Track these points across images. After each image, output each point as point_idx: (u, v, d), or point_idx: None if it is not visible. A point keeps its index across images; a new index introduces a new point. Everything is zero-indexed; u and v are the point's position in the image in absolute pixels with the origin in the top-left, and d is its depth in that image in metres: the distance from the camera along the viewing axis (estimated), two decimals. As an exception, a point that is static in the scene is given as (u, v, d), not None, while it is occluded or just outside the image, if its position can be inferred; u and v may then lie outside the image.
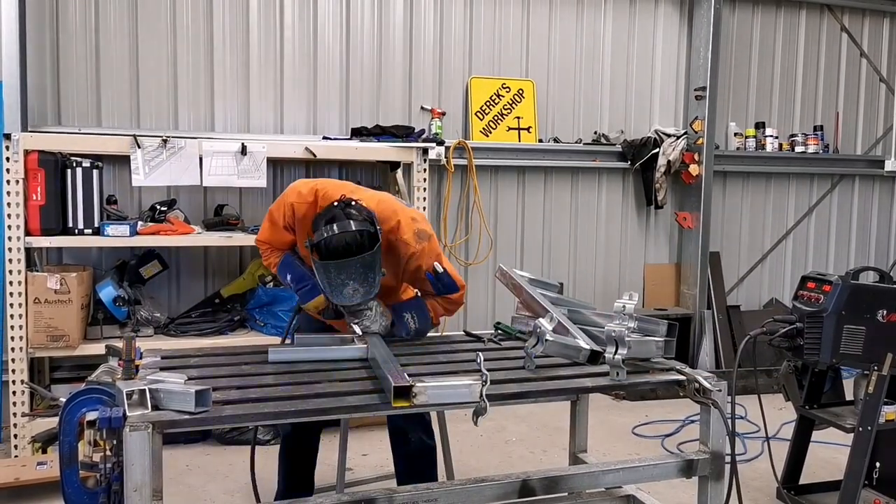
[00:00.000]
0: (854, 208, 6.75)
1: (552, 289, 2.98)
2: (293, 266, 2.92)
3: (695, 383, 2.46)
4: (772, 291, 6.52)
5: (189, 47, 4.89)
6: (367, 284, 2.61)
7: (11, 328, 4.04)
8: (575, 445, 3.13)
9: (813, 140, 6.30)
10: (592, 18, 5.83)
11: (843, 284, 3.18)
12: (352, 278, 2.57)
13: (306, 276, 2.85)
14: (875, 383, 3.15)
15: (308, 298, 2.88)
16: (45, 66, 4.63)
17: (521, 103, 5.59)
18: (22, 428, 4.07)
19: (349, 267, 2.55)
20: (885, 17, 6.66)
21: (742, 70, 6.28)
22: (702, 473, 2.49)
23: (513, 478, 2.30)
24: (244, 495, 3.69)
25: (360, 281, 2.58)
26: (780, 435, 4.55)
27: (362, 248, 2.56)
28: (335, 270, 2.56)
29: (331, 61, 5.19)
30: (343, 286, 2.58)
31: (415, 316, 2.91)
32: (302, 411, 2.18)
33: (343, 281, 2.57)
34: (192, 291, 4.90)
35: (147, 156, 4.23)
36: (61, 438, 2.12)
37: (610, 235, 6.01)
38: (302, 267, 2.90)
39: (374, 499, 2.17)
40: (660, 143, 5.83)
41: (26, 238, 4.03)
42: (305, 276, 2.86)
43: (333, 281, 2.58)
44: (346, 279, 2.56)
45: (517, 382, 2.42)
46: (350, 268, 2.56)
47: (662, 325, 2.63)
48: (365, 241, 2.58)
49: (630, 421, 4.97)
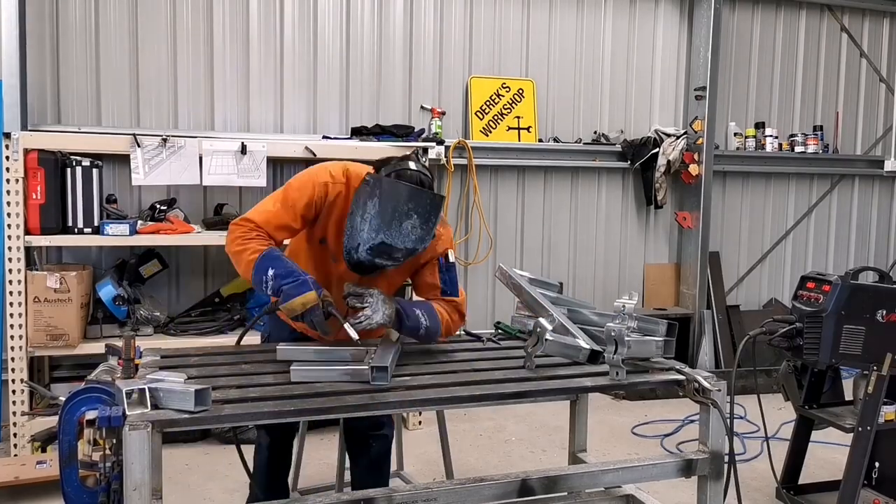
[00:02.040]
0: (854, 208, 6.75)
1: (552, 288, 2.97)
2: (280, 259, 2.53)
3: (694, 383, 2.46)
4: (771, 291, 6.52)
5: (189, 46, 4.89)
6: (425, 228, 2.46)
7: (11, 327, 4.04)
8: (574, 445, 3.13)
9: (813, 140, 6.30)
10: (592, 18, 5.83)
11: (843, 284, 3.18)
12: (418, 213, 2.42)
13: (295, 271, 2.50)
14: (874, 383, 3.15)
15: (297, 293, 2.44)
16: (45, 65, 4.63)
17: (520, 103, 5.59)
18: (21, 427, 4.08)
19: (421, 198, 2.44)
20: (884, 17, 6.67)
21: (742, 70, 6.28)
22: (701, 473, 2.49)
23: (512, 477, 2.30)
24: (244, 495, 3.68)
25: (423, 220, 2.44)
26: (780, 435, 4.55)
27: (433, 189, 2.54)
28: (406, 197, 2.42)
29: (331, 60, 5.19)
30: (406, 217, 2.41)
31: (426, 315, 2.63)
32: (302, 411, 2.18)
33: (409, 211, 2.41)
34: (191, 290, 4.91)
35: (147, 155, 4.23)
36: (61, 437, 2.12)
37: (610, 235, 6.01)
38: (290, 262, 2.56)
39: (374, 498, 2.17)
40: (660, 142, 5.83)
41: (26, 237, 4.03)
42: (294, 271, 2.49)
43: (399, 208, 2.41)
44: (412, 211, 2.41)
45: (517, 382, 2.42)
46: (422, 199, 2.43)
47: (662, 325, 2.62)
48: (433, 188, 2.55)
49: (630, 421, 4.97)
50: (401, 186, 2.45)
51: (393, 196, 2.43)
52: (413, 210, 2.42)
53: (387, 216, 2.43)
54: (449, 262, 2.79)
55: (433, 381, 2.39)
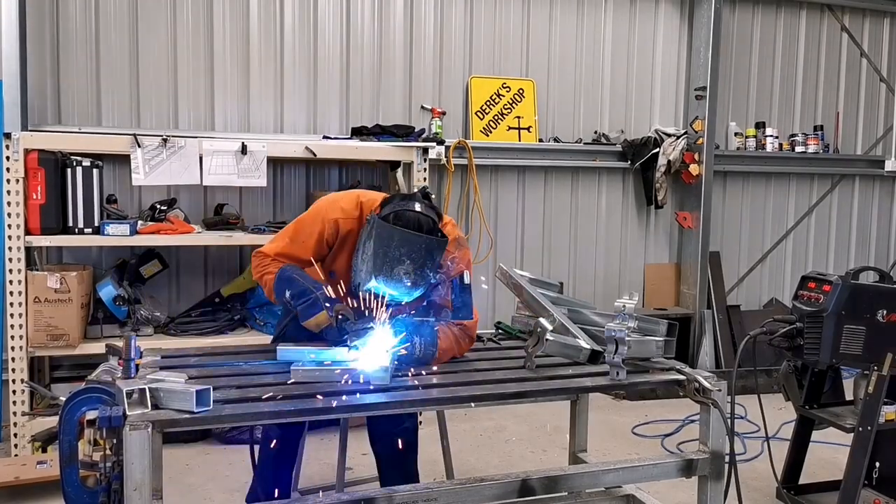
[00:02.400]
0: (854, 208, 6.75)
1: (552, 288, 2.97)
2: (293, 280, 2.63)
3: (694, 383, 2.46)
4: (772, 291, 6.52)
5: (189, 46, 4.89)
6: (419, 274, 2.44)
7: (11, 327, 4.03)
8: (575, 445, 3.13)
9: (813, 140, 6.30)
10: (593, 18, 5.83)
11: (843, 284, 3.18)
12: (410, 257, 2.40)
13: (307, 289, 2.59)
14: (875, 383, 3.15)
15: (309, 315, 2.58)
16: (46, 65, 4.63)
17: (521, 103, 5.59)
18: (22, 427, 4.07)
19: (414, 243, 2.41)
20: (885, 17, 6.66)
21: (742, 70, 6.28)
22: (701, 473, 2.49)
23: (512, 477, 2.30)
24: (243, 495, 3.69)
25: (417, 265, 2.41)
26: (780, 435, 4.55)
27: (431, 233, 2.47)
28: (399, 241, 2.40)
29: (331, 60, 5.19)
30: (397, 263, 2.40)
31: (421, 343, 2.58)
32: (302, 411, 2.18)
33: (400, 256, 2.40)
34: (192, 291, 4.90)
35: (147, 155, 4.23)
36: (61, 437, 2.12)
37: (610, 235, 6.01)
38: (303, 281, 2.64)
39: (374, 498, 2.17)
40: (660, 142, 5.83)
41: (26, 237, 4.02)
42: (307, 290, 2.58)
43: (390, 253, 2.40)
44: (405, 256, 2.40)
45: (517, 382, 2.42)
46: (414, 245, 2.41)
47: (662, 325, 2.63)
48: (435, 230, 2.49)
49: (630, 420, 4.97)
50: (394, 231, 2.42)
51: (385, 240, 2.42)
52: (405, 255, 2.41)
53: (378, 260, 2.43)
54: (464, 284, 2.75)
55: (434, 381, 2.39)
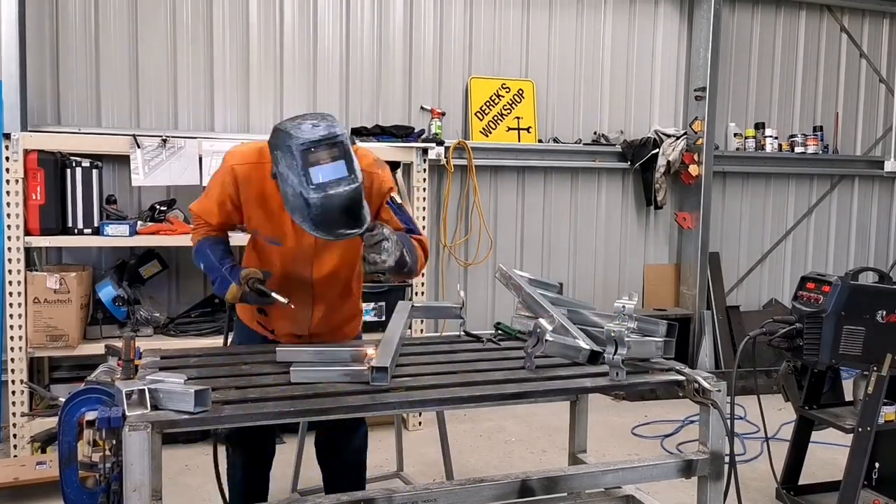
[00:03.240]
0: (853, 209, 6.75)
1: (552, 289, 2.97)
2: (205, 255, 2.65)
3: (694, 383, 2.46)
4: (771, 292, 6.52)
5: (189, 47, 4.89)
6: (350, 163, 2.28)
7: (11, 328, 4.04)
8: (574, 445, 3.13)
9: (812, 140, 6.31)
10: (592, 19, 5.83)
11: (843, 285, 3.18)
12: (328, 146, 2.25)
13: (214, 266, 2.61)
14: (874, 384, 3.15)
15: (223, 290, 2.59)
16: (45, 66, 4.62)
17: (520, 103, 5.59)
18: (21, 428, 4.08)
19: (322, 129, 2.27)
20: (884, 18, 6.67)
21: (742, 70, 6.28)
22: (701, 474, 2.49)
23: (512, 478, 2.30)
24: (243, 495, 3.69)
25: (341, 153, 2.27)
26: (780, 435, 4.55)
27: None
28: (308, 132, 2.25)
29: (330, 61, 5.19)
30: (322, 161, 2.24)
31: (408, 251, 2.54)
32: (301, 411, 2.18)
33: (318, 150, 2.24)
34: (191, 291, 4.90)
35: (147, 155, 4.23)
36: (60, 438, 2.12)
37: (609, 236, 6.01)
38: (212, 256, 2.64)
39: (374, 499, 2.17)
40: (659, 143, 5.83)
41: (26, 238, 4.03)
42: (214, 267, 2.61)
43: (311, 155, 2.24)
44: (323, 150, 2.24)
45: (517, 382, 2.42)
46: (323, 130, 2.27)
47: (662, 326, 2.63)
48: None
49: (629, 421, 4.97)
50: (287, 123, 2.29)
51: (290, 137, 2.25)
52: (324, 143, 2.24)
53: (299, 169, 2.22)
54: (397, 203, 2.68)
55: (433, 382, 2.39)
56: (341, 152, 2.27)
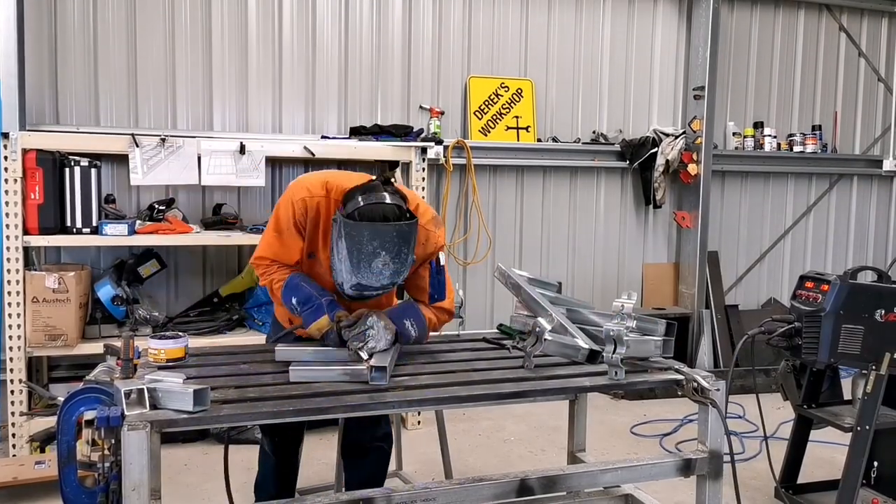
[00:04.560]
0: (852, 208, 6.76)
1: (551, 288, 2.97)
2: (299, 288, 2.64)
3: (693, 382, 2.46)
4: (770, 291, 6.52)
5: (187, 46, 4.89)
6: (398, 261, 2.39)
7: (10, 327, 4.03)
8: (573, 445, 3.13)
9: (811, 140, 6.31)
10: (591, 18, 5.83)
11: (842, 284, 3.19)
12: (385, 248, 2.35)
13: (312, 296, 2.60)
14: (873, 383, 3.15)
15: (312, 319, 2.59)
16: (44, 65, 4.62)
17: (519, 103, 5.59)
18: (20, 427, 4.07)
19: (385, 235, 2.35)
20: (883, 17, 6.67)
21: (740, 70, 6.28)
22: (700, 472, 2.49)
23: (511, 477, 2.30)
24: (242, 495, 3.68)
25: (394, 255, 2.37)
26: (779, 434, 4.55)
27: (400, 218, 2.40)
28: (369, 237, 2.34)
29: (329, 60, 5.19)
30: (373, 257, 2.35)
31: (414, 323, 2.66)
32: (301, 410, 2.18)
33: (375, 250, 2.34)
34: (190, 291, 4.90)
35: (145, 155, 4.23)
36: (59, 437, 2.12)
37: (608, 235, 6.01)
38: (308, 286, 2.65)
39: (373, 498, 2.17)
40: (658, 142, 5.83)
41: (24, 237, 4.02)
42: (312, 297, 2.60)
43: (364, 249, 2.34)
44: (379, 248, 2.34)
45: (516, 382, 2.42)
46: (386, 236, 2.35)
47: (661, 325, 2.63)
48: (402, 215, 2.42)
49: (628, 420, 4.97)
50: (362, 227, 2.36)
51: (356, 238, 2.36)
52: (380, 248, 2.35)
53: (354, 259, 2.37)
54: (439, 265, 2.74)
55: (432, 381, 2.39)
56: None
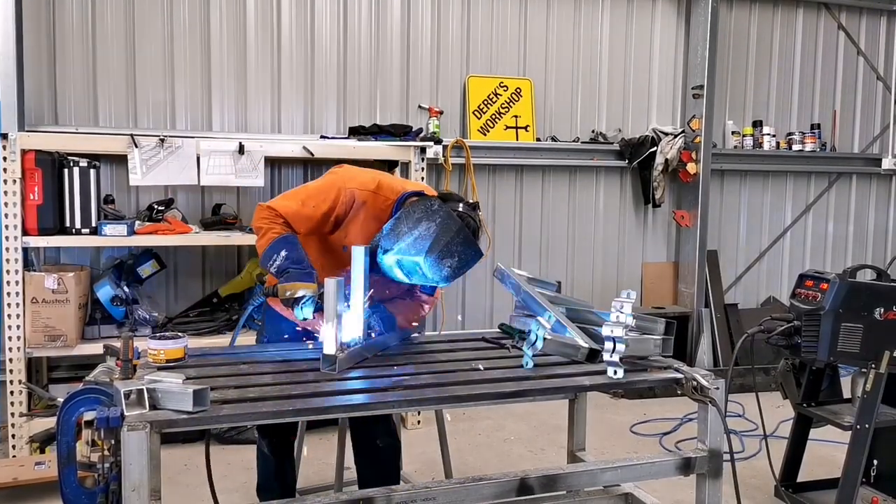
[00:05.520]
0: (851, 206, 6.76)
1: (550, 287, 2.97)
2: (296, 247, 2.68)
3: (692, 381, 2.46)
4: (769, 290, 6.53)
5: (186, 46, 4.89)
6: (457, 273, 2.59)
7: (9, 328, 4.03)
8: (573, 444, 3.13)
9: (810, 138, 6.31)
10: (590, 17, 5.83)
11: (841, 283, 3.19)
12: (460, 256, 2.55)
13: (306, 261, 2.66)
14: (873, 381, 3.16)
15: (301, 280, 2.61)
16: (42, 66, 4.62)
17: (518, 102, 5.59)
18: (20, 428, 4.07)
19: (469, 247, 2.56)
20: (881, 16, 6.67)
21: (739, 68, 6.29)
22: (700, 471, 2.49)
23: (511, 476, 2.30)
24: (242, 495, 3.70)
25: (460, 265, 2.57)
26: (779, 433, 4.55)
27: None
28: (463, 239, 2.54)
29: (328, 60, 5.18)
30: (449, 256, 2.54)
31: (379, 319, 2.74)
32: (301, 410, 2.18)
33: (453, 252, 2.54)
34: (189, 291, 4.90)
35: (144, 155, 4.23)
36: (59, 438, 2.12)
37: (608, 234, 6.01)
38: (304, 253, 2.70)
39: (373, 498, 2.17)
40: (657, 141, 5.83)
41: (24, 238, 4.02)
42: (305, 262, 2.66)
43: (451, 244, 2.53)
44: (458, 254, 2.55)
45: (515, 381, 2.42)
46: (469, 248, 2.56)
47: (660, 324, 2.63)
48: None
49: (628, 419, 4.97)
50: (463, 229, 2.53)
51: (453, 232, 2.52)
52: (459, 253, 2.52)
53: (436, 245, 2.51)
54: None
55: (432, 381, 2.39)
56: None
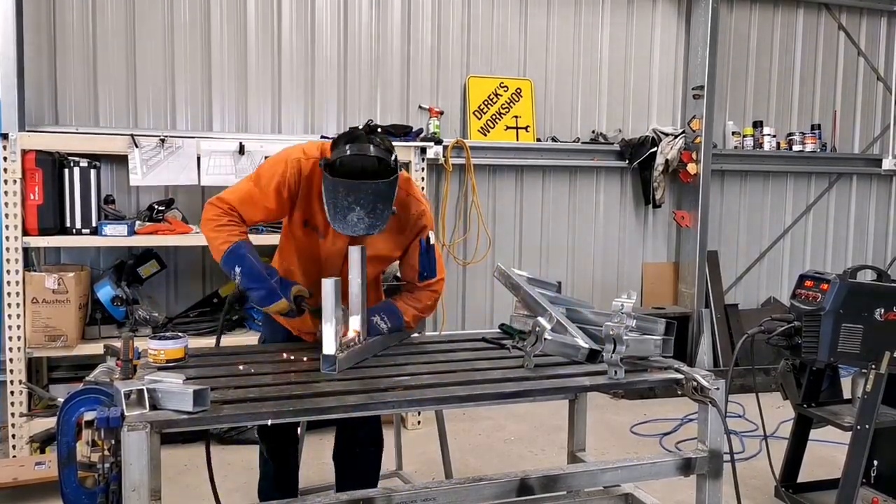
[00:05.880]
0: (852, 207, 6.76)
1: (550, 288, 2.97)
2: (244, 259, 2.54)
3: (693, 382, 2.46)
4: (770, 290, 6.53)
5: (186, 46, 4.89)
6: (374, 215, 2.42)
7: (9, 328, 4.03)
8: (573, 444, 3.13)
9: (810, 139, 6.31)
10: (590, 18, 5.83)
11: (841, 283, 3.19)
12: (360, 204, 2.38)
13: (261, 275, 2.53)
14: (873, 381, 3.16)
15: (269, 303, 2.54)
16: (43, 66, 4.62)
17: (518, 102, 5.59)
18: (20, 428, 4.07)
19: (361, 190, 2.38)
20: (882, 16, 6.67)
21: (740, 69, 6.29)
22: (700, 472, 2.49)
23: (511, 477, 2.30)
24: (242, 495, 3.69)
25: (369, 210, 2.40)
26: (779, 433, 4.55)
27: (377, 175, 2.40)
28: (344, 192, 2.37)
29: (328, 60, 5.18)
30: (349, 210, 2.38)
31: (385, 317, 2.71)
32: (301, 410, 2.18)
33: (350, 205, 2.38)
34: (190, 291, 4.90)
35: (145, 155, 4.23)
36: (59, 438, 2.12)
37: (608, 234, 6.01)
38: (255, 261, 2.55)
39: (373, 498, 2.17)
40: (658, 141, 5.83)
41: (24, 238, 4.02)
42: (261, 277, 2.53)
43: (340, 203, 2.38)
44: (354, 203, 2.38)
45: (516, 381, 2.42)
46: (361, 192, 2.38)
47: (660, 324, 2.63)
48: (382, 170, 2.42)
49: (628, 420, 4.97)
50: (339, 185, 2.39)
51: (333, 193, 2.41)
52: (355, 203, 2.39)
53: (331, 210, 2.43)
54: (429, 244, 2.78)
55: (432, 381, 2.39)
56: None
